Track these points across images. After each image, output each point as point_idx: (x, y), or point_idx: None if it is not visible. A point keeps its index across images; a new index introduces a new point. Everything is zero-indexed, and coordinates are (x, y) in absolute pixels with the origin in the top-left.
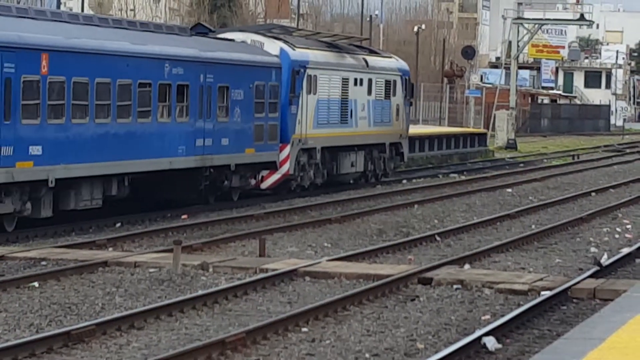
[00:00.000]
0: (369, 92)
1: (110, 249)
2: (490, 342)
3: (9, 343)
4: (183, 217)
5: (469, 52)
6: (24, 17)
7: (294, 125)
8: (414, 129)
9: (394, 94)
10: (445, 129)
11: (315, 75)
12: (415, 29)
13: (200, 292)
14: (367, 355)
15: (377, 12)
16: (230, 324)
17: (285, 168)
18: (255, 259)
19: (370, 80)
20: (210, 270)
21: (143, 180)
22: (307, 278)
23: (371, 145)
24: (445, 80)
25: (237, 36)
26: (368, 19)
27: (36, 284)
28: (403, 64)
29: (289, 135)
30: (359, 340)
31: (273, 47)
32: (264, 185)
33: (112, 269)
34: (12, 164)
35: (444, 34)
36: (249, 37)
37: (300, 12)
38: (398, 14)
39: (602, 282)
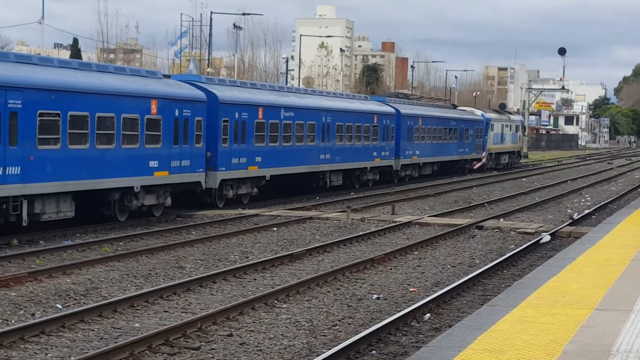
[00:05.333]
0: (510, 129)
1: (314, 210)
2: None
3: (263, 259)
4: (351, 193)
5: (502, 106)
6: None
7: (486, 144)
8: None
9: (517, 130)
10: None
11: (493, 123)
12: (474, 94)
13: (360, 233)
14: (449, 266)
15: (453, 85)
16: (376, 249)
17: (484, 160)
18: (390, 216)
19: (510, 125)
20: (366, 221)
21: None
22: (417, 226)
23: (510, 151)
24: None
25: (462, 107)
26: (449, 89)
27: (275, 228)
28: (522, 118)
29: (485, 148)
30: (445, 258)
31: (478, 112)
32: (475, 167)
33: (314, 221)
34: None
35: (489, 97)
36: (467, 107)
37: (413, 85)
38: (464, 86)
39: (574, 228)
